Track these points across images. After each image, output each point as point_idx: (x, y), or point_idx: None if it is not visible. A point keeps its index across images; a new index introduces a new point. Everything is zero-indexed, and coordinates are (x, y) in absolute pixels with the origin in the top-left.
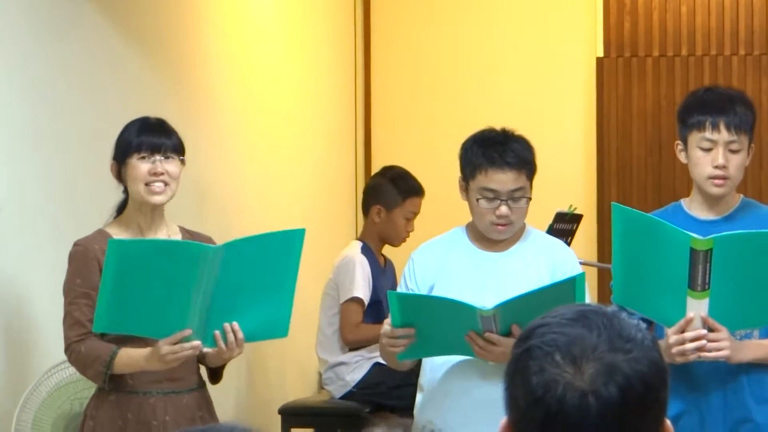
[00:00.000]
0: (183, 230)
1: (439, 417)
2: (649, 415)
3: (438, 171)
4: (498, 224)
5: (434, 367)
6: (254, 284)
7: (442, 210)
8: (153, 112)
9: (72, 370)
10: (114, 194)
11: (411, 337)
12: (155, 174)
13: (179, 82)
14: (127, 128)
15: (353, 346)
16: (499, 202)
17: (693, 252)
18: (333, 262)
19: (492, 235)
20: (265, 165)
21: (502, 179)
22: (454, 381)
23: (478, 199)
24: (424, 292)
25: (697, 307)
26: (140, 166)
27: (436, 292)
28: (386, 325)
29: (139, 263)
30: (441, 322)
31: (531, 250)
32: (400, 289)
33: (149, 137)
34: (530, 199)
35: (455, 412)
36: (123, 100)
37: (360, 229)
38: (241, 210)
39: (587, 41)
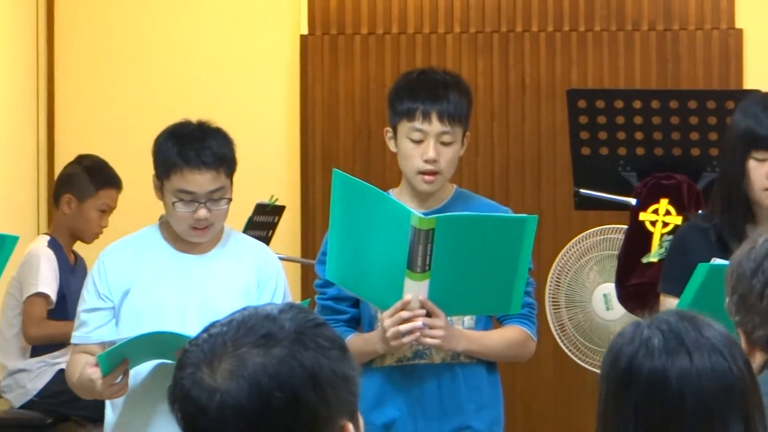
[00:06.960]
0: None
1: None
2: (293, 425)
3: (130, 161)
4: (196, 228)
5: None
6: None
7: (135, 207)
8: None
9: None
10: None
11: (125, 385)
12: None
13: None
14: None
15: (36, 343)
16: (197, 205)
17: (414, 230)
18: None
19: (190, 239)
20: None
21: (199, 181)
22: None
23: (174, 202)
24: (118, 296)
25: (416, 289)
26: None
27: (132, 297)
28: (94, 374)
29: None
30: (156, 350)
31: (234, 253)
32: (88, 294)
33: None
34: (231, 199)
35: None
36: None
37: (42, 226)
38: None
39: (290, 17)
